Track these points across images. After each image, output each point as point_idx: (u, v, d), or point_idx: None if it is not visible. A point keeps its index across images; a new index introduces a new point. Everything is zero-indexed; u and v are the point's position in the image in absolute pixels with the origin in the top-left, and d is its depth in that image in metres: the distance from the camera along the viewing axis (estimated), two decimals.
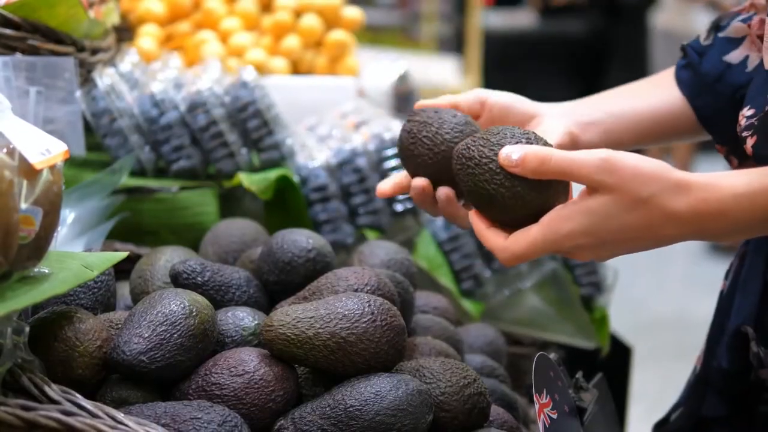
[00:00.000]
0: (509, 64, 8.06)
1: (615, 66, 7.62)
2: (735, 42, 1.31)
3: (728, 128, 1.27)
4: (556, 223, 1.01)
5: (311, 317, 1.10)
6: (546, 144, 1.06)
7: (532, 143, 1.04)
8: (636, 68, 6.25)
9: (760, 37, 1.29)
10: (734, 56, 1.30)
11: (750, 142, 1.16)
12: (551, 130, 1.23)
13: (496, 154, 1.04)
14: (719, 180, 0.99)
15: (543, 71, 8.06)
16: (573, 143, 1.24)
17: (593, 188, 1.00)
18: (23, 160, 0.98)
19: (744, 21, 1.31)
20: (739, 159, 1.31)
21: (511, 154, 1.02)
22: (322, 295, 1.20)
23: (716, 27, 1.34)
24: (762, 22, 1.28)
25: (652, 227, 0.99)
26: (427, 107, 1.23)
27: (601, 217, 0.99)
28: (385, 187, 1.26)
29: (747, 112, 1.19)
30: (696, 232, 1.00)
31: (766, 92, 1.17)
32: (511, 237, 1.04)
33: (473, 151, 1.06)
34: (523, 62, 8.30)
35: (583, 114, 1.29)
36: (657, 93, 1.34)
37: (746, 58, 1.29)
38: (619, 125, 1.30)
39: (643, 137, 1.33)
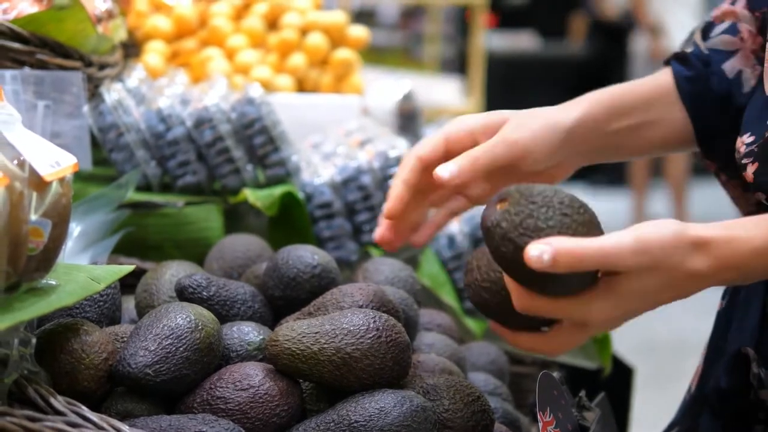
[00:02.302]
0: (512, 86, 8.09)
1: None
2: (726, 54, 1.29)
3: (725, 145, 1.26)
4: (597, 317, 0.98)
5: (316, 332, 1.11)
6: (582, 211, 0.97)
7: (561, 230, 0.94)
8: None
9: (755, 53, 1.27)
10: (728, 68, 1.28)
11: (751, 169, 1.16)
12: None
13: (519, 248, 0.93)
14: (737, 234, 0.98)
15: (545, 93, 8.09)
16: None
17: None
18: (33, 172, 0.98)
19: (731, 33, 1.29)
20: (729, 175, 1.31)
21: (542, 255, 0.91)
22: (327, 311, 1.20)
23: (704, 34, 1.31)
24: (753, 35, 1.27)
25: (673, 288, 0.98)
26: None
27: (635, 295, 0.97)
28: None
29: (747, 139, 1.18)
30: (716, 283, 1.00)
31: (765, 118, 1.16)
32: (551, 334, 1.03)
33: (491, 241, 0.96)
34: (526, 83, 8.34)
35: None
36: (656, 115, 1.30)
37: (740, 73, 1.28)
38: (614, 151, 1.30)
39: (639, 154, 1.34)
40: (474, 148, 1.19)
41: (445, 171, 1.16)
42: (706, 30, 1.31)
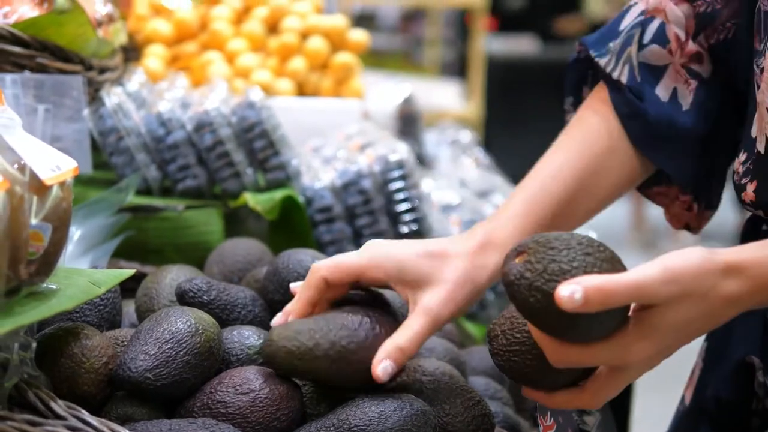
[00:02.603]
0: (511, 89, 8.09)
1: None
2: (657, 72, 1.24)
3: (693, 173, 1.24)
4: (634, 356, 0.96)
5: (311, 328, 1.10)
6: (603, 249, 0.94)
7: (587, 270, 0.92)
8: None
9: (685, 66, 1.23)
10: (662, 91, 1.23)
11: (751, 188, 1.14)
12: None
13: (548, 294, 0.91)
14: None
15: (544, 96, 8.10)
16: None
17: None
18: (34, 176, 0.98)
19: (660, 42, 1.24)
20: (705, 204, 1.29)
21: (574, 294, 0.88)
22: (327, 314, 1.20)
23: (640, 41, 1.25)
24: (681, 43, 1.23)
25: (708, 315, 0.95)
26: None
27: (670, 328, 0.95)
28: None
29: (741, 157, 1.16)
30: (750, 306, 0.97)
31: (749, 133, 1.14)
32: (588, 385, 1.00)
33: (516, 294, 0.93)
34: (525, 87, 8.34)
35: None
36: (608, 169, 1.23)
37: (675, 92, 1.23)
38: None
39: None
40: (403, 336, 1.11)
41: (382, 372, 1.08)
42: (642, 35, 1.25)
